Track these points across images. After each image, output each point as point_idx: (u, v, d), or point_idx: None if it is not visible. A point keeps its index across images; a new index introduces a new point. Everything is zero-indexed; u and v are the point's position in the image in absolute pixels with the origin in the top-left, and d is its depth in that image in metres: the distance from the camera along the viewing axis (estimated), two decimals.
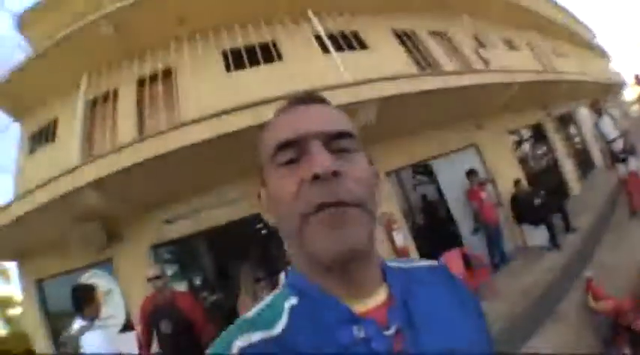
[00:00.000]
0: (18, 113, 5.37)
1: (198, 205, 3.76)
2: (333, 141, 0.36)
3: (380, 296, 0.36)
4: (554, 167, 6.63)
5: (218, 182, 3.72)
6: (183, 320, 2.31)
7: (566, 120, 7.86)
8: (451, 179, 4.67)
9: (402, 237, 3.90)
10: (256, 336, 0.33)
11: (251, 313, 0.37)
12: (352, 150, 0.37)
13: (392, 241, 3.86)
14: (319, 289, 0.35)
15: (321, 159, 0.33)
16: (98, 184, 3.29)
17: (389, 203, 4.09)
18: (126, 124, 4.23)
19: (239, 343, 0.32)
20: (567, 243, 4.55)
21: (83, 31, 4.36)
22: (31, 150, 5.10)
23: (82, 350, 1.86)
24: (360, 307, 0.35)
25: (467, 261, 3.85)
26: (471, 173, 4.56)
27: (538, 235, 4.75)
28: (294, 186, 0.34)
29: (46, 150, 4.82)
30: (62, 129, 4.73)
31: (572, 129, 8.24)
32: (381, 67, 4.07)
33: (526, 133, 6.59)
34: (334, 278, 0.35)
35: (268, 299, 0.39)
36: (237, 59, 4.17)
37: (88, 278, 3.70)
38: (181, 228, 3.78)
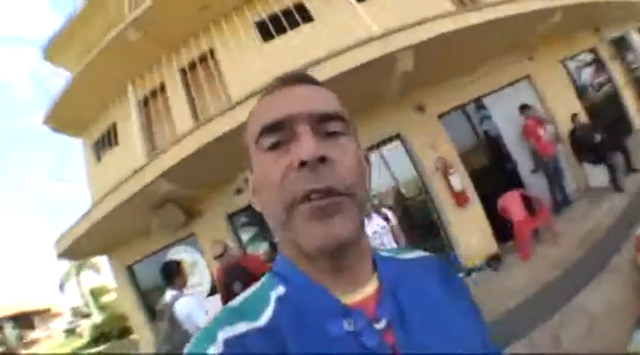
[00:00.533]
0: (76, 130, 5.92)
1: None
2: (322, 123, 0.34)
3: (369, 287, 0.36)
4: (614, 98, 6.01)
5: None
6: (251, 278, 2.48)
7: (622, 46, 6.96)
8: (506, 115, 4.44)
9: (460, 182, 3.86)
10: (241, 327, 0.32)
11: (237, 302, 0.36)
12: (342, 133, 0.35)
13: (450, 186, 3.85)
14: (308, 279, 0.35)
15: (308, 144, 0.32)
16: (166, 175, 3.66)
17: (445, 146, 4.03)
18: (180, 113, 4.54)
19: (223, 334, 0.31)
20: (629, 184, 4.25)
21: (114, 42, 4.59)
22: (98, 158, 5.67)
23: (175, 316, 2.14)
24: (348, 298, 0.34)
25: (527, 202, 3.76)
26: (524, 108, 4.29)
27: (599, 175, 4.47)
28: (280, 173, 0.33)
29: (111, 155, 5.35)
30: (122, 131, 5.19)
31: (630, 56, 7.29)
32: (414, 7, 3.90)
33: (585, 58, 5.93)
34: (322, 268, 0.34)
35: (255, 287, 0.38)
36: (269, 29, 4.21)
37: (174, 254, 4.21)
38: None
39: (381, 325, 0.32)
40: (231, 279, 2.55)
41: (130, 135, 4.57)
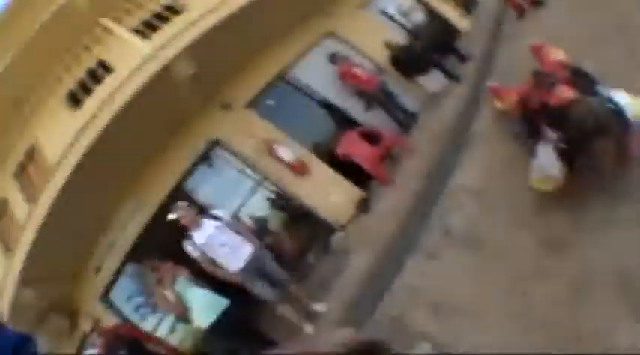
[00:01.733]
0: None
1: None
2: None
3: None
4: (433, 13, 6.53)
5: None
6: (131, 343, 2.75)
7: None
8: (322, 74, 4.45)
9: (288, 152, 3.81)
10: None
11: None
12: None
13: (281, 160, 3.85)
14: None
15: None
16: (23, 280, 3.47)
17: (260, 128, 3.86)
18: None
19: None
20: (465, 72, 4.74)
21: None
22: None
23: None
24: None
25: (369, 137, 3.86)
26: (333, 57, 4.51)
27: (433, 80, 4.86)
28: None
29: None
30: None
31: None
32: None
33: None
34: None
35: None
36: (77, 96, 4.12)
37: None
38: None
39: None
40: (113, 351, 2.66)
41: None
